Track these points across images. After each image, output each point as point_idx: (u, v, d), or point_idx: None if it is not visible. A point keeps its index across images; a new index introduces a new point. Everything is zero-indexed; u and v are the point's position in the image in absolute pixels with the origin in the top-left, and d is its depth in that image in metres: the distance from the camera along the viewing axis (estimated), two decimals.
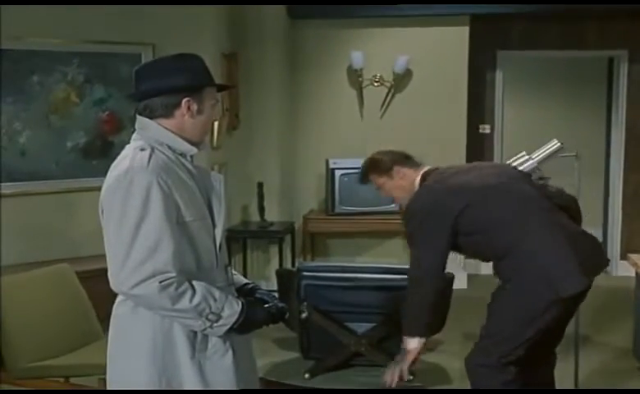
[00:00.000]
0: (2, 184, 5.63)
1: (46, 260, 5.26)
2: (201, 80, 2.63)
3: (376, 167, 4.00)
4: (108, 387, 2.67)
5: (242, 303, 2.58)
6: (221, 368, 2.58)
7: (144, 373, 2.52)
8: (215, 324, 2.51)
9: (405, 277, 5.25)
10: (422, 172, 3.94)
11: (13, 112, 5.69)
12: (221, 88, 2.80)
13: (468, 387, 3.97)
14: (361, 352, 5.33)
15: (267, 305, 2.71)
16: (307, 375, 5.31)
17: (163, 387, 2.52)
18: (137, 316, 2.53)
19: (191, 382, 2.54)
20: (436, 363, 5.68)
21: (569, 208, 3.94)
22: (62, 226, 5.93)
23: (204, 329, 2.51)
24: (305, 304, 5.27)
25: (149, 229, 2.41)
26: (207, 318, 2.48)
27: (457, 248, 3.79)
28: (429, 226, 3.69)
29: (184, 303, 2.44)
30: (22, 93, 5.72)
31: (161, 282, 2.40)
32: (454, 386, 5.26)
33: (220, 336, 2.56)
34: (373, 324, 5.32)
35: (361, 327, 5.35)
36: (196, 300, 2.45)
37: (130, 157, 2.51)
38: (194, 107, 2.59)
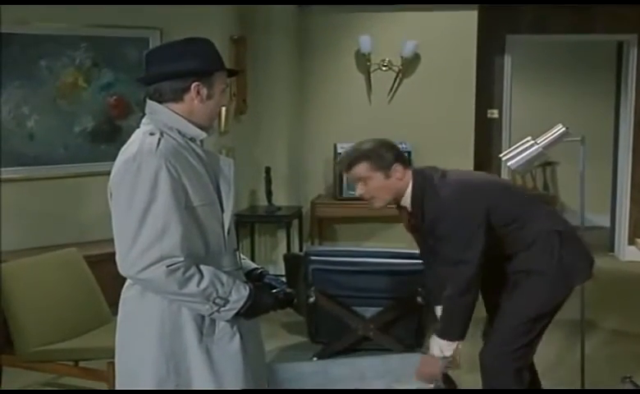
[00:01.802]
0: (10, 168, 5.63)
1: (54, 245, 5.28)
2: (211, 65, 2.62)
3: (375, 158, 3.47)
4: (117, 371, 2.68)
5: (250, 288, 2.59)
6: (229, 352, 2.59)
7: (151, 357, 2.53)
8: (222, 308, 2.51)
9: (412, 261, 5.32)
10: (412, 172, 3.53)
11: (21, 97, 5.69)
12: (231, 73, 2.80)
13: (476, 371, 3.98)
14: (369, 336, 5.34)
15: (274, 290, 2.71)
16: (315, 359, 5.32)
17: (171, 372, 2.53)
18: (145, 300, 2.54)
19: (198, 367, 2.54)
20: None
21: None
22: (70, 210, 5.95)
23: (212, 313, 2.52)
24: (313, 288, 5.28)
25: (157, 213, 2.41)
26: (214, 303, 2.49)
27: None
28: (469, 225, 3.40)
29: (191, 287, 2.45)
30: (30, 78, 5.72)
31: (168, 267, 2.41)
32: (462, 369, 5.26)
33: (227, 321, 2.57)
34: (381, 308, 5.33)
35: (368, 312, 5.36)
36: (203, 284, 2.46)
37: (138, 141, 2.51)
38: (204, 91, 2.59)
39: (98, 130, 6.07)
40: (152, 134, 2.51)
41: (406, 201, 3.55)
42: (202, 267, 2.48)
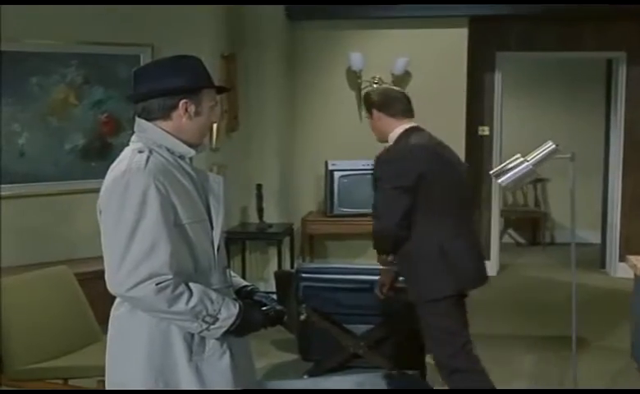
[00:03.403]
0: (0, 186, 5.62)
1: (44, 262, 5.25)
2: (198, 82, 2.62)
3: (365, 100, 4.35)
4: (107, 388, 2.67)
5: (239, 305, 2.58)
6: (219, 370, 2.57)
7: (141, 375, 2.51)
8: (212, 326, 2.50)
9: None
10: (404, 127, 4.15)
11: (12, 114, 5.68)
12: (220, 90, 2.80)
13: None
14: (360, 354, 5.32)
15: (264, 308, 2.70)
16: (306, 377, 5.30)
17: (161, 389, 2.52)
18: (135, 318, 2.52)
19: (188, 385, 2.53)
20: None
21: None
22: (61, 227, 5.93)
23: (201, 331, 2.51)
24: (304, 305, 5.26)
25: (146, 231, 2.41)
26: (203, 321, 2.48)
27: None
28: (397, 181, 3.94)
29: (180, 305, 2.44)
30: (21, 95, 5.71)
31: (157, 285, 2.40)
32: None
33: (217, 339, 2.56)
34: (372, 326, 5.31)
35: (360, 329, 5.33)
36: (192, 302, 2.45)
37: (127, 159, 2.50)
38: (192, 108, 2.59)
39: (89, 147, 6.06)
40: (140, 151, 2.51)
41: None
42: (191, 284, 2.47)
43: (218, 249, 2.62)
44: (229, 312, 2.53)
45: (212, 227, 2.60)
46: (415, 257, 3.98)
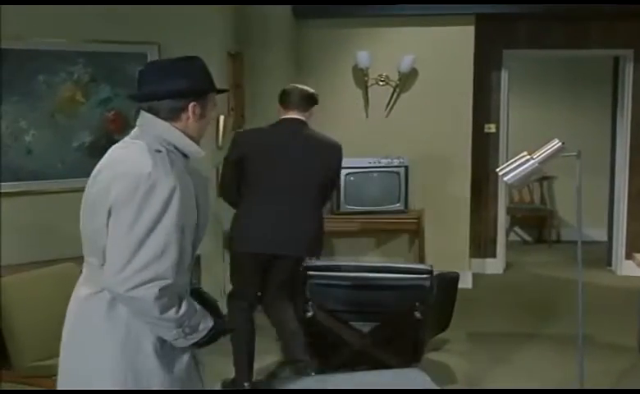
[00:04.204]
0: (8, 183, 5.63)
1: (51, 259, 5.25)
2: (205, 85, 2.66)
3: None
4: (60, 375, 2.68)
5: (213, 319, 2.62)
6: (183, 363, 2.60)
7: (110, 364, 2.52)
8: (189, 336, 2.53)
9: (409, 276, 5.34)
10: (282, 117, 4.97)
11: (19, 111, 5.70)
12: (219, 91, 2.82)
13: (474, 387, 4.00)
14: (366, 351, 5.33)
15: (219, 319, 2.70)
16: (312, 374, 5.31)
17: (129, 381, 2.52)
18: (113, 312, 2.52)
19: (157, 376, 2.54)
20: (441, 361, 5.69)
21: None
22: (67, 225, 5.86)
23: (176, 339, 2.52)
24: (310, 303, 5.27)
25: (161, 234, 2.41)
26: (183, 330, 2.51)
27: None
28: (229, 155, 4.87)
29: (171, 313, 2.45)
30: (28, 93, 5.72)
31: (160, 289, 2.40)
32: (459, 385, 5.26)
33: None
34: (378, 323, 5.32)
35: (366, 327, 5.35)
36: (181, 311, 2.47)
37: (148, 157, 2.48)
38: (198, 110, 2.62)
39: (96, 145, 6.05)
40: (158, 151, 2.52)
41: None
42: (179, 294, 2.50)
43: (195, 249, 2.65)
44: (205, 325, 2.58)
45: (198, 225, 2.62)
46: (233, 216, 4.91)
